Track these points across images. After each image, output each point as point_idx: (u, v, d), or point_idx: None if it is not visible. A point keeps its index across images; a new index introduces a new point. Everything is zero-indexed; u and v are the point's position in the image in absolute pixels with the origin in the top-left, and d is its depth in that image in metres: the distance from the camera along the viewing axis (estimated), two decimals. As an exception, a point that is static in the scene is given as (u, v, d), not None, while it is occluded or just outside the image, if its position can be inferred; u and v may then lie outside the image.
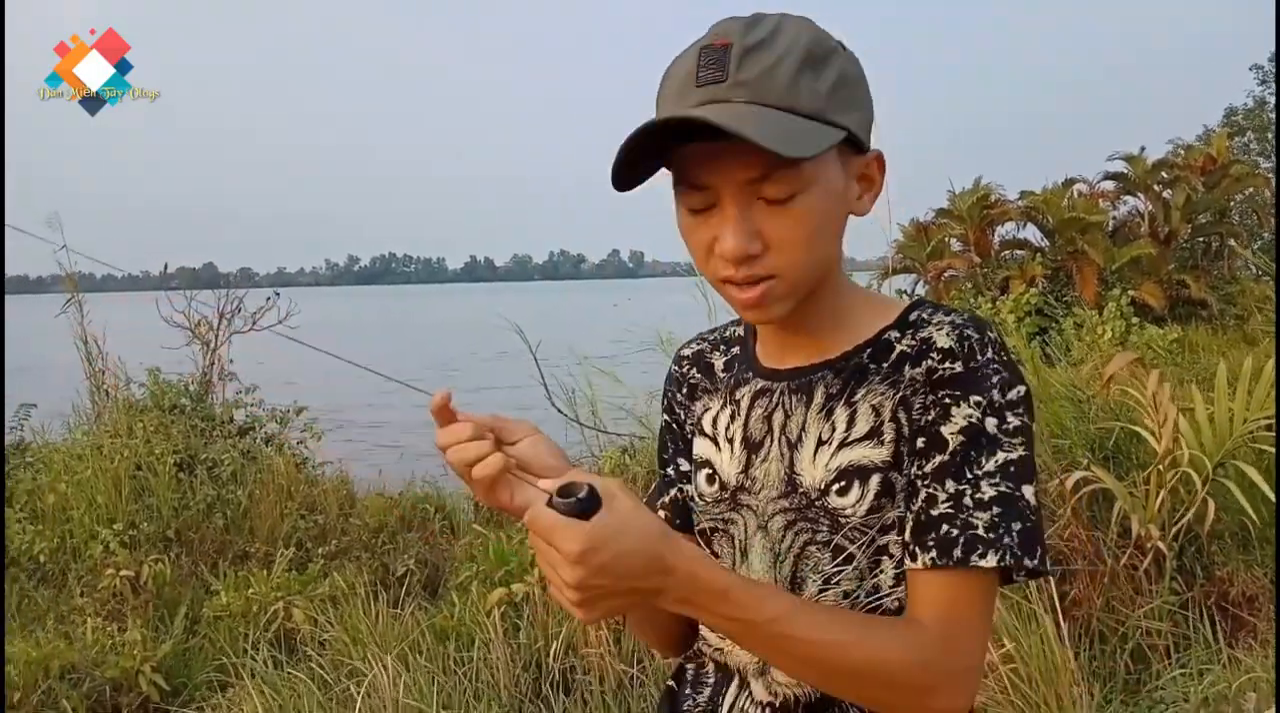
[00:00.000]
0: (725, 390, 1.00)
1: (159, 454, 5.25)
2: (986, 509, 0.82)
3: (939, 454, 0.84)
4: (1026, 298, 10.44)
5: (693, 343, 1.08)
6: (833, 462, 0.88)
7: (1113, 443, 3.71)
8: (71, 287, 6.82)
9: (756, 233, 0.83)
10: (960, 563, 0.81)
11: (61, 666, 3.13)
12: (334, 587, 3.93)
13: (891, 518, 0.87)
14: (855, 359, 0.91)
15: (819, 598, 0.88)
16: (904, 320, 0.91)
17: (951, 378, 0.85)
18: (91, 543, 4.50)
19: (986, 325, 0.87)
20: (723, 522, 0.95)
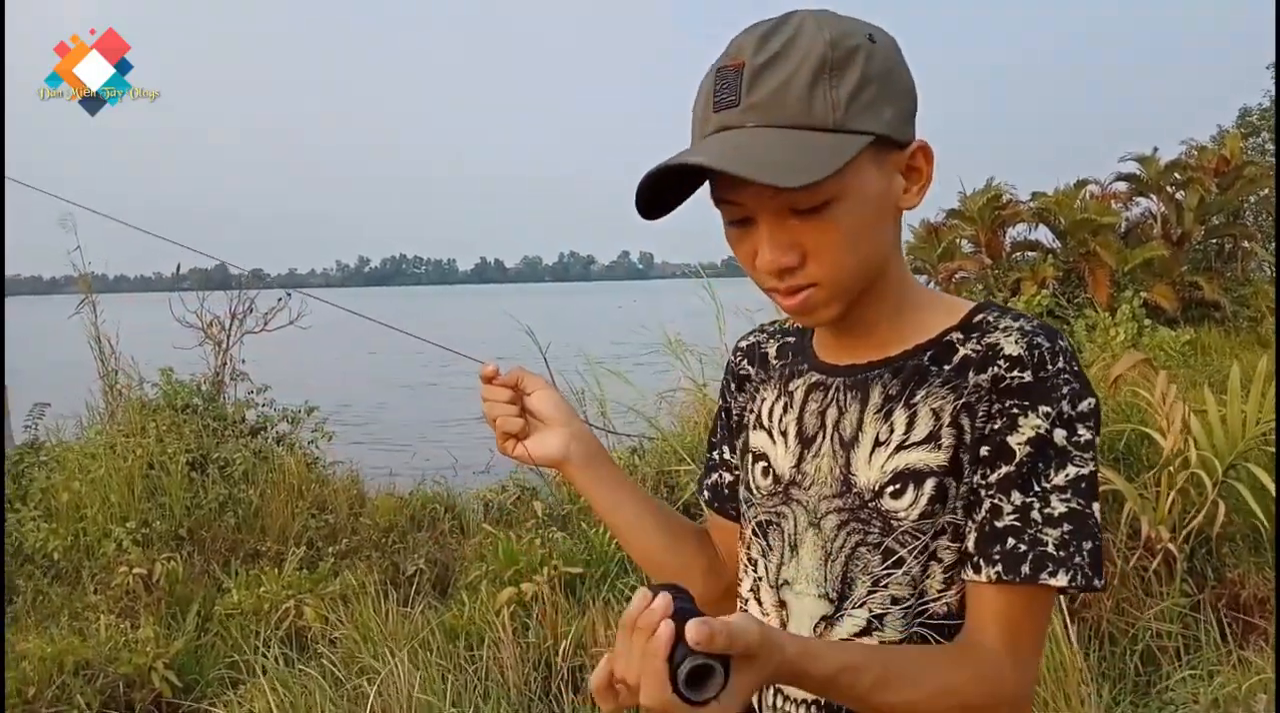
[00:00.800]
0: (779, 381, 0.99)
1: (171, 453, 5.29)
2: (1057, 526, 0.81)
3: (1005, 465, 0.83)
4: (1038, 300, 10.42)
5: (752, 334, 1.09)
6: (889, 464, 0.87)
7: (1123, 444, 3.71)
8: (85, 287, 6.88)
9: (793, 244, 0.83)
10: (1028, 579, 0.80)
11: (75, 662, 3.16)
12: (344, 585, 3.95)
13: (943, 523, 0.85)
14: (915, 360, 0.89)
15: (868, 600, 0.87)
16: (968, 323, 0.89)
17: (1020, 387, 0.83)
18: (105, 541, 4.53)
19: (1058, 333, 0.86)
20: (776, 515, 0.95)
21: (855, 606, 0.88)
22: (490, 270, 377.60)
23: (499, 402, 1.03)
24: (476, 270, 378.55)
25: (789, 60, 0.79)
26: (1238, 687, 2.49)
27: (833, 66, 0.79)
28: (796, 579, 0.92)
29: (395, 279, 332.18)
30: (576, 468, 1.04)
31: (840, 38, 0.81)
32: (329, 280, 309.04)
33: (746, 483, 0.99)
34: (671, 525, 1.07)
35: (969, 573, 0.84)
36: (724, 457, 1.08)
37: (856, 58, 0.80)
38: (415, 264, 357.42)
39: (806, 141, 0.78)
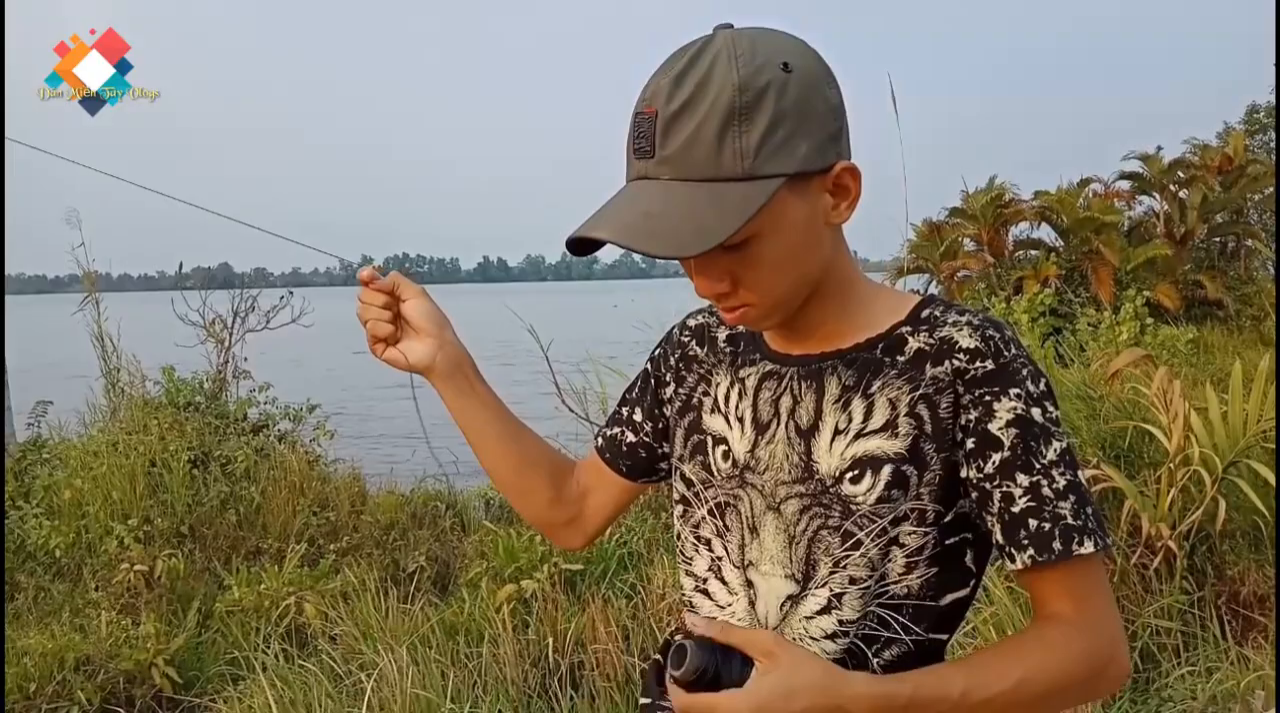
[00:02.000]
0: (730, 367, 1.02)
1: (173, 451, 5.30)
2: (1066, 498, 0.86)
3: (996, 452, 0.87)
4: (1040, 298, 10.39)
5: (700, 314, 1.10)
6: (848, 451, 0.91)
7: (1127, 443, 3.70)
8: (89, 285, 6.89)
9: (723, 274, 0.88)
10: (1063, 556, 0.85)
11: (76, 658, 3.17)
12: (345, 583, 3.96)
13: (905, 509, 0.89)
14: (867, 353, 0.93)
15: (829, 580, 0.91)
16: (916, 317, 0.94)
17: (986, 376, 0.88)
18: (107, 538, 4.54)
19: (1003, 323, 0.91)
20: (733, 498, 0.98)
21: (818, 585, 0.92)
22: (493, 269, 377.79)
23: (373, 306, 1.06)
24: (480, 269, 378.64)
25: (698, 109, 0.81)
26: (1236, 683, 2.48)
27: (741, 112, 0.81)
28: (761, 560, 0.95)
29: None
30: (439, 377, 1.08)
31: (750, 77, 0.82)
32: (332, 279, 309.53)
33: (706, 464, 1.01)
34: (526, 450, 1.13)
35: (1007, 564, 0.88)
36: (632, 416, 1.13)
37: (766, 98, 0.81)
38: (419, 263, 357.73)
39: (716, 197, 0.81)
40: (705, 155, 0.81)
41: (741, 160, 0.81)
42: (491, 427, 1.11)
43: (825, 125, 0.86)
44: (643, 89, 0.85)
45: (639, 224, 0.82)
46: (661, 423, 1.11)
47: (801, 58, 0.85)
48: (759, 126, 0.81)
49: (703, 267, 0.88)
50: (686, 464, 1.03)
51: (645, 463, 1.13)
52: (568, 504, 1.15)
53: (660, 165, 0.83)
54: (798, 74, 0.84)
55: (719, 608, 0.99)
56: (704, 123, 0.81)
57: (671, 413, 1.08)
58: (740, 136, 0.81)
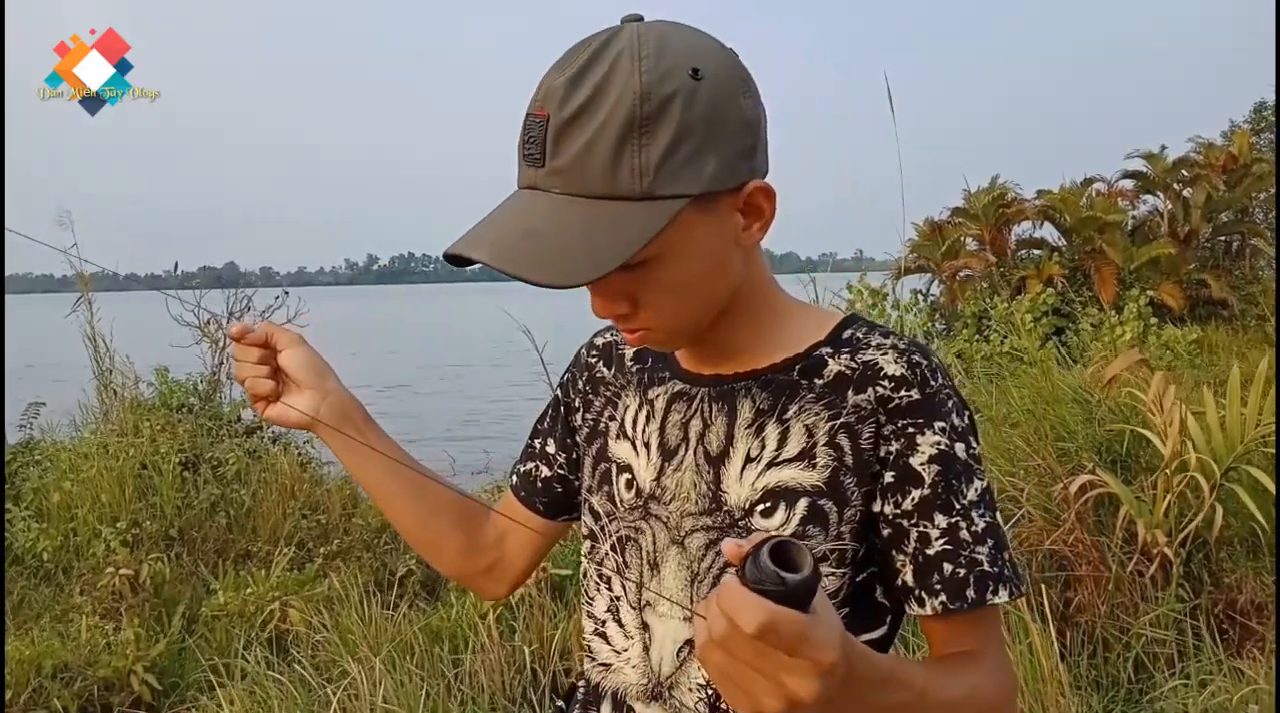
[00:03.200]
0: (638, 387, 0.95)
1: (164, 453, 5.26)
2: (983, 542, 0.81)
3: (916, 488, 0.81)
4: (1043, 299, 10.32)
5: (608, 332, 1.03)
6: (760, 481, 0.84)
7: (1124, 447, 3.64)
8: (83, 286, 6.87)
9: (621, 295, 0.80)
10: (976, 603, 0.80)
11: (54, 664, 3.12)
12: (331, 588, 3.91)
13: (822, 550, 0.82)
14: (784, 374, 0.86)
15: None
16: (837, 338, 0.87)
17: (910, 406, 0.82)
18: (95, 541, 4.50)
19: (929, 351, 0.85)
20: (635, 530, 0.90)
21: None
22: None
23: (248, 362, 0.98)
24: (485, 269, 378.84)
25: (594, 118, 0.72)
26: (1229, 697, 2.42)
27: (641, 124, 0.72)
28: (658, 601, 0.87)
29: (404, 278, 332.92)
30: (326, 431, 0.99)
31: (654, 84, 0.72)
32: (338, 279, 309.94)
33: (611, 494, 0.93)
34: (430, 500, 1.02)
35: (914, 607, 0.82)
36: (545, 448, 1.05)
37: (670, 110, 0.72)
38: (424, 262, 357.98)
39: (611, 218, 0.73)
40: (600, 171, 0.72)
41: (640, 179, 0.72)
42: (388, 477, 1.01)
43: (737, 140, 0.77)
44: (536, 86, 0.76)
45: (522, 246, 0.74)
46: (575, 453, 1.02)
47: (714, 62, 0.76)
48: (661, 142, 0.72)
49: (599, 286, 0.79)
50: (594, 495, 0.95)
51: (563, 498, 1.04)
52: (483, 551, 1.05)
53: (550, 177, 0.74)
54: (709, 81, 0.75)
55: (615, 653, 0.91)
56: (600, 134, 0.72)
57: (580, 440, 1.00)
58: (639, 152, 0.72)
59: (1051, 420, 3.67)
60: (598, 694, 0.92)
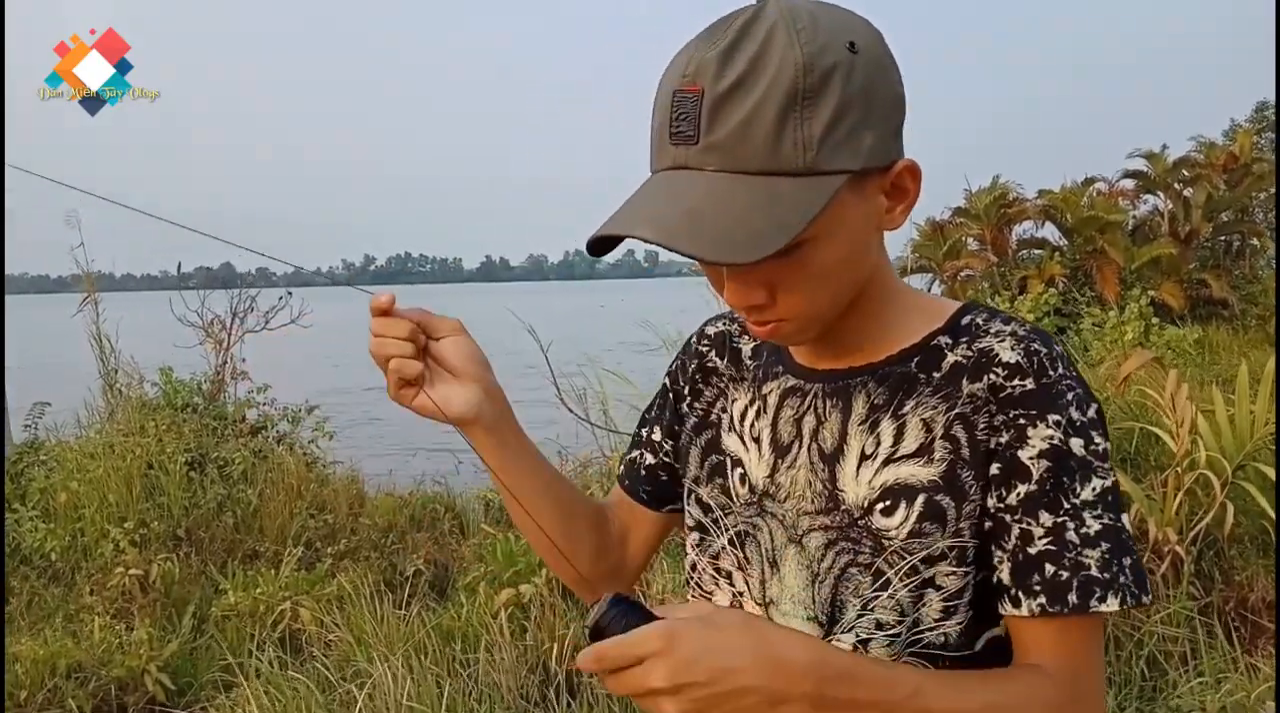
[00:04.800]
0: (753, 382, 0.92)
1: (170, 453, 5.26)
2: (1095, 545, 0.75)
3: (1022, 484, 0.76)
4: (1045, 298, 10.34)
5: (720, 321, 1.00)
6: (877, 479, 0.81)
7: (1133, 445, 3.65)
8: (88, 286, 6.86)
9: (761, 282, 0.77)
10: (1077, 609, 0.75)
11: (68, 664, 3.13)
12: (341, 587, 3.92)
13: (940, 548, 0.79)
14: (901, 367, 0.83)
15: (856, 624, 0.81)
16: (955, 326, 0.83)
17: (1024, 396, 0.77)
18: (102, 542, 4.51)
19: (1052, 338, 0.81)
20: (752, 527, 0.88)
21: (844, 630, 0.81)
22: (496, 269, 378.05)
23: (395, 339, 0.86)
24: (482, 269, 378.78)
25: (754, 90, 0.70)
26: (1246, 694, 2.43)
27: (805, 97, 0.70)
28: (781, 599, 0.85)
29: (401, 278, 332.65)
30: (485, 431, 0.91)
31: (815, 57, 0.70)
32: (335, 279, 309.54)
33: (725, 487, 0.91)
34: (567, 504, 0.98)
35: (1008, 607, 0.78)
36: (651, 436, 1.02)
37: (833, 82, 0.71)
38: (420, 263, 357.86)
39: (772, 194, 0.70)
40: (762, 144, 0.70)
41: (804, 152, 0.70)
42: (532, 478, 0.95)
43: (890, 117, 0.75)
44: (677, 63, 0.73)
45: (683, 223, 0.70)
46: (680, 440, 0.99)
47: (867, 37, 0.74)
48: (823, 115, 0.70)
49: (738, 272, 0.76)
50: (703, 487, 0.93)
51: (668, 487, 1.01)
52: (610, 552, 1.02)
53: (705, 153, 0.71)
54: (864, 56, 0.73)
55: None
56: (761, 105, 0.69)
57: (687, 429, 0.97)
58: (803, 124, 0.69)
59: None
60: None
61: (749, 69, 0.70)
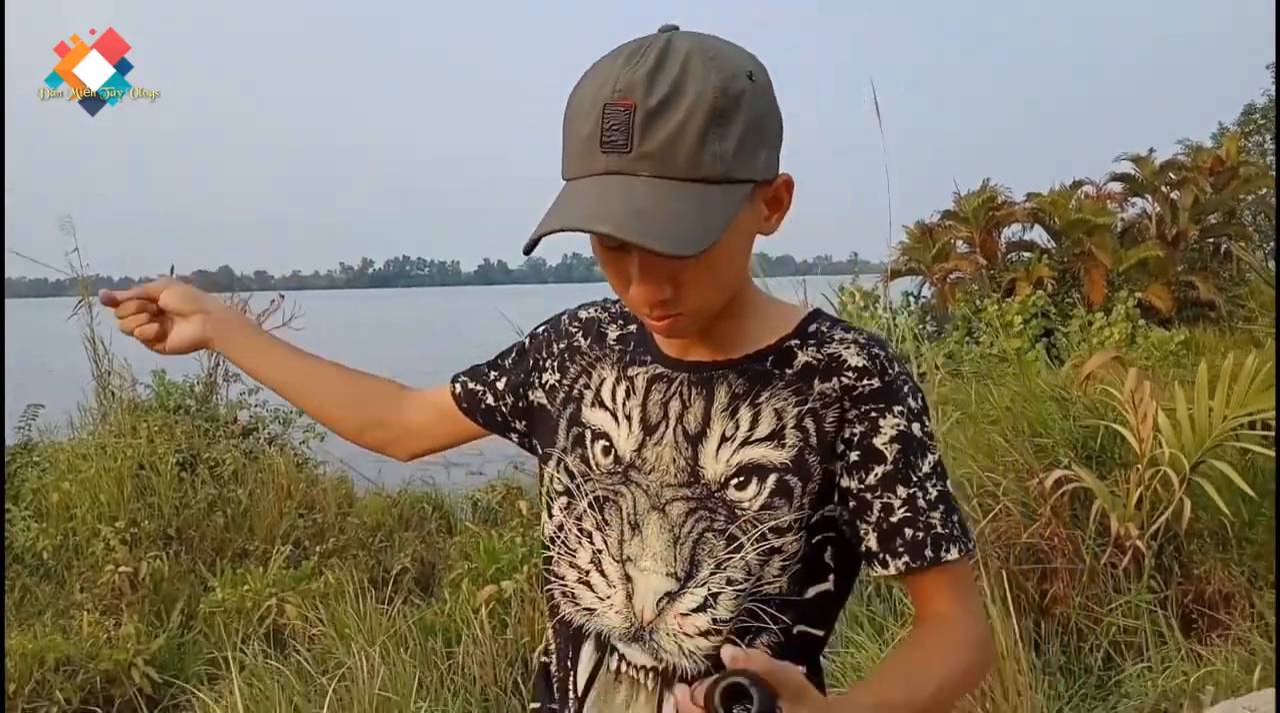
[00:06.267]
0: (618, 365, 1.03)
1: (162, 454, 5.34)
2: (936, 509, 0.92)
3: (879, 465, 0.92)
4: (1033, 300, 10.41)
5: (591, 307, 1.11)
6: (734, 458, 0.94)
7: (1098, 443, 3.73)
8: (83, 290, 6.94)
9: (667, 278, 0.87)
10: (934, 562, 0.92)
11: (56, 658, 3.20)
12: (326, 584, 3.99)
13: (787, 521, 0.92)
14: (758, 365, 0.96)
15: (709, 580, 0.93)
16: (804, 331, 0.97)
17: (873, 393, 0.93)
18: (93, 540, 4.58)
19: (885, 342, 0.96)
20: (614, 493, 0.99)
21: (697, 585, 0.94)
22: (494, 271, 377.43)
23: (129, 316, 1.13)
24: (480, 271, 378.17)
25: (679, 107, 0.80)
26: (1186, 679, 2.52)
27: (721, 116, 0.81)
28: (641, 557, 0.96)
29: (399, 281, 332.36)
30: (221, 342, 1.16)
31: (727, 82, 0.82)
32: (333, 282, 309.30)
33: (584, 456, 1.02)
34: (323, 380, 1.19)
35: (877, 569, 0.93)
36: (496, 383, 1.14)
37: (742, 103, 0.82)
38: (419, 266, 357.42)
39: (700, 199, 0.81)
40: (687, 155, 0.80)
41: (721, 163, 0.81)
42: (281, 371, 1.18)
43: (777, 135, 0.89)
44: (597, 80, 0.83)
45: (634, 221, 0.80)
46: (522, 402, 1.11)
47: (759, 71, 0.87)
48: (735, 132, 0.82)
49: (646, 271, 0.86)
50: (569, 456, 1.03)
51: (497, 425, 1.15)
52: (386, 426, 1.19)
53: (639, 161, 0.81)
54: (759, 83, 0.86)
55: (599, 599, 1.00)
56: (687, 121, 0.80)
57: (554, 403, 1.07)
58: (720, 139, 0.81)
59: (1029, 417, 3.77)
60: (580, 634, 1.01)
61: (673, 90, 0.81)
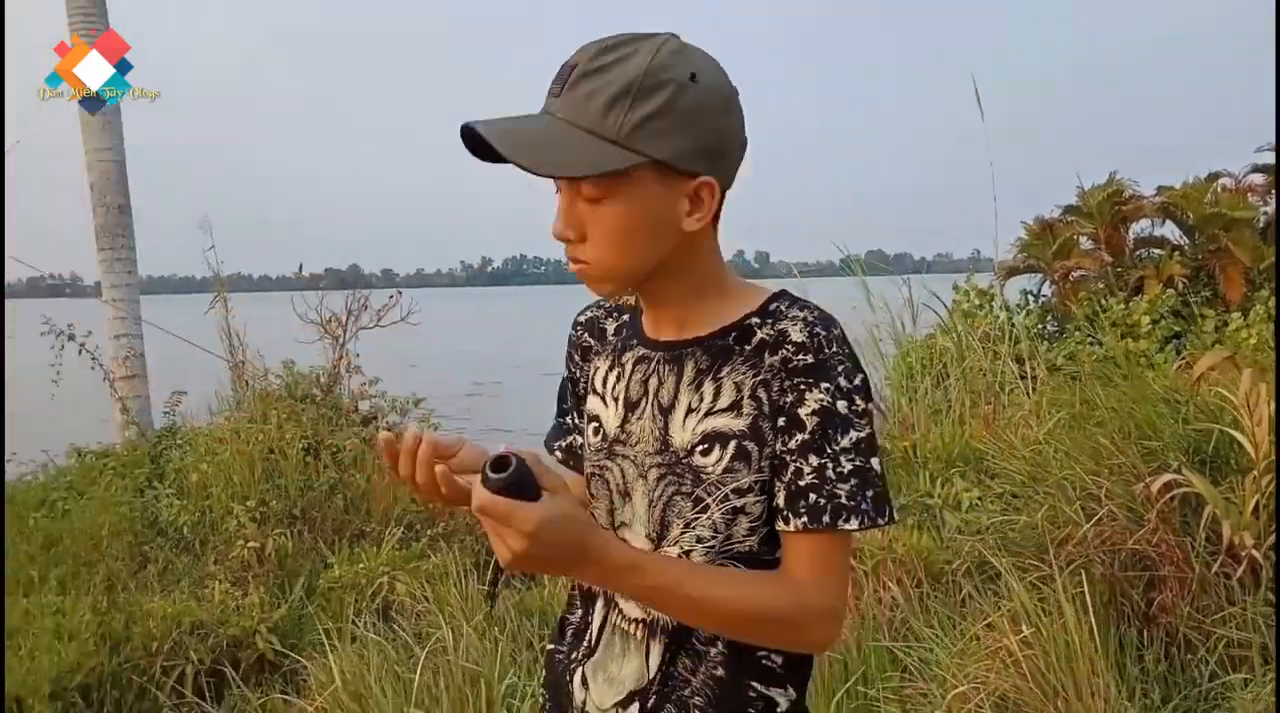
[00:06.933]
0: (614, 353, 1.16)
1: (289, 439, 5.70)
2: (846, 481, 1.00)
3: (800, 433, 1.01)
4: (1163, 299, 9.87)
5: (589, 310, 1.24)
6: (699, 427, 1.04)
7: (1211, 447, 3.57)
8: (219, 286, 7.48)
9: (576, 223, 1.02)
10: (828, 527, 1.00)
11: (191, 622, 3.51)
12: (434, 565, 4.20)
13: (747, 483, 1.02)
14: (722, 341, 1.06)
15: (680, 539, 1.04)
16: (765, 309, 1.07)
17: (804, 367, 1.01)
18: (227, 518, 4.94)
19: (832, 322, 1.03)
20: (601, 468, 1.12)
21: (670, 544, 1.05)
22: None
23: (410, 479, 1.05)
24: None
25: (605, 77, 0.96)
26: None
27: (636, 93, 0.95)
28: (633, 522, 1.08)
29: (516, 279, 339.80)
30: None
31: (657, 69, 0.96)
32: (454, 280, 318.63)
33: (587, 442, 1.15)
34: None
35: (780, 524, 1.02)
36: (574, 422, 1.24)
37: (662, 91, 0.95)
38: (535, 264, 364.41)
39: (585, 145, 0.95)
40: (594, 113, 0.95)
41: (619, 129, 0.95)
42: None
43: (705, 138, 0.99)
44: (583, 45, 0.99)
45: (524, 145, 0.96)
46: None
47: (713, 81, 0.99)
48: (645, 109, 0.95)
49: (565, 208, 1.01)
50: (580, 439, 1.20)
51: None
52: None
53: (561, 106, 0.97)
54: (701, 88, 0.97)
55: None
56: (603, 88, 0.95)
57: (580, 401, 1.22)
58: (626, 110, 0.95)
59: (1136, 420, 3.63)
60: (591, 592, 1.15)
61: (610, 63, 0.96)
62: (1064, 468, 3.63)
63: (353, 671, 2.87)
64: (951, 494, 4.10)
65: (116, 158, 7.48)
